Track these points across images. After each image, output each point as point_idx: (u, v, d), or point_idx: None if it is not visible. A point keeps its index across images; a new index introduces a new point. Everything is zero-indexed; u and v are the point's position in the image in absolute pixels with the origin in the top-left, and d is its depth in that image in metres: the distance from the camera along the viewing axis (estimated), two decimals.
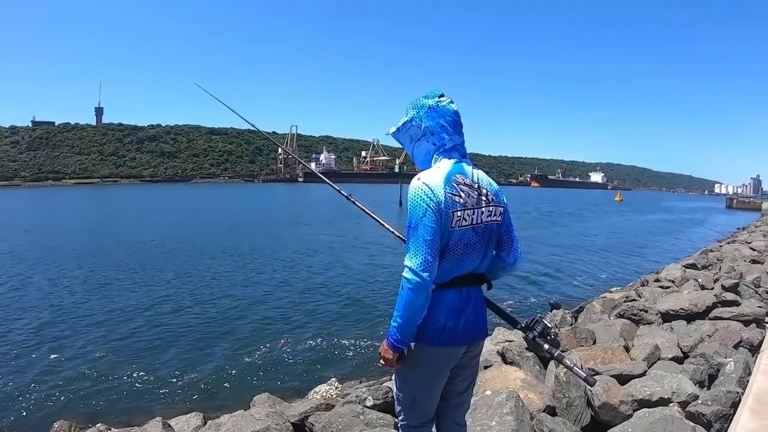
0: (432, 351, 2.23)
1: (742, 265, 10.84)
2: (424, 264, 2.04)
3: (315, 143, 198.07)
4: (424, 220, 2.06)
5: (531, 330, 2.34)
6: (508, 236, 2.42)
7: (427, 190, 2.09)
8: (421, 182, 2.12)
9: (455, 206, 2.13)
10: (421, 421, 2.41)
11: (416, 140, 2.30)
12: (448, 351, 2.26)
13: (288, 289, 12.91)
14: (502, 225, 2.36)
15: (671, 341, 5.81)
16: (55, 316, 10.18)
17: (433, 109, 2.26)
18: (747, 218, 45.37)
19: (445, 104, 2.27)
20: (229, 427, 4.14)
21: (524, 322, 2.40)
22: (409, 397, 2.34)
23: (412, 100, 2.32)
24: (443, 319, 2.20)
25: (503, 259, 2.42)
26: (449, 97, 2.30)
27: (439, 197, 2.09)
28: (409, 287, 2.05)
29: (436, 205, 2.08)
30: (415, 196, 2.10)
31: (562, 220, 42.96)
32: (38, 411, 6.33)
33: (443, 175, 2.15)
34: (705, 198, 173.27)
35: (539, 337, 2.32)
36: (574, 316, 8.40)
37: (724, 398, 3.79)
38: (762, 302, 7.19)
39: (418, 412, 2.38)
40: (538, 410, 3.88)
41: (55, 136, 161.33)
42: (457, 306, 2.23)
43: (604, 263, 19.17)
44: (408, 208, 2.12)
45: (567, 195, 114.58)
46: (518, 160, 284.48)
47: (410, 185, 2.14)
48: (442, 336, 2.20)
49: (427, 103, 2.27)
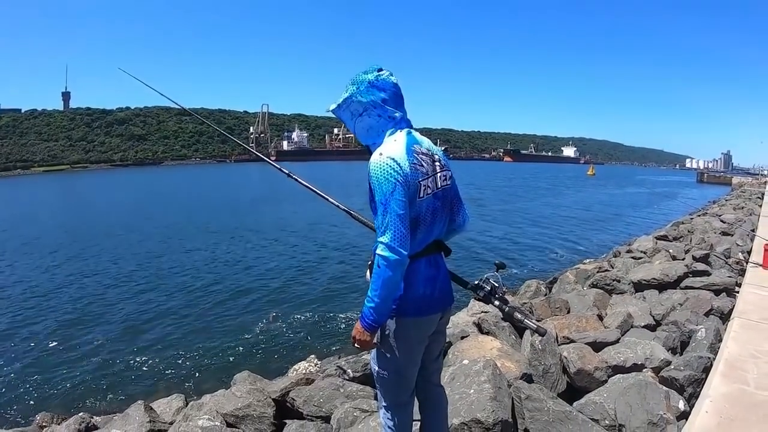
0: (414, 322, 2.24)
1: (712, 237, 11.03)
2: (400, 239, 2.03)
3: (287, 121, 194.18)
4: (395, 194, 2.04)
5: (481, 289, 2.47)
6: (457, 199, 2.47)
7: (393, 164, 2.07)
8: (385, 157, 2.09)
9: (419, 176, 2.14)
10: (407, 394, 2.43)
11: (357, 116, 2.24)
12: (428, 319, 2.29)
13: (260, 272, 12.85)
14: (452, 189, 2.40)
15: (644, 310, 5.92)
16: (29, 308, 10.04)
17: (373, 84, 2.21)
18: (717, 192, 46.16)
19: (385, 77, 2.23)
20: (211, 406, 4.11)
21: (474, 281, 2.50)
22: (394, 373, 2.33)
23: (352, 76, 2.26)
24: (421, 289, 2.23)
25: (454, 221, 2.47)
26: (389, 69, 2.26)
27: (405, 170, 2.08)
28: (386, 264, 2.02)
29: (404, 179, 2.07)
30: (381, 171, 2.06)
31: (535, 194, 43.39)
32: (19, 405, 6.30)
33: (403, 147, 2.14)
34: (676, 172, 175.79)
35: (489, 294, 2.45)
36: (548, 287, 8.50)
37: (696, 363, 3.87)
38: (732, 272, 7.33)
39: (403, 386, 2.40)
40: (515, 378, 3.90)
41: (22, 123, 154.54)
42: (430, 274, 2.27)
43: (577, 236, 19.45)
44: (374, 184, 2.09)
45: (540, 169, 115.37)
46: (491, 135, 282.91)
47: (372, 161, 2.11)
48: (422, 305, 2.24)
49: (367, 78, 2.22)
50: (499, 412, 3.22)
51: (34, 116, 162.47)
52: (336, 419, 3.68)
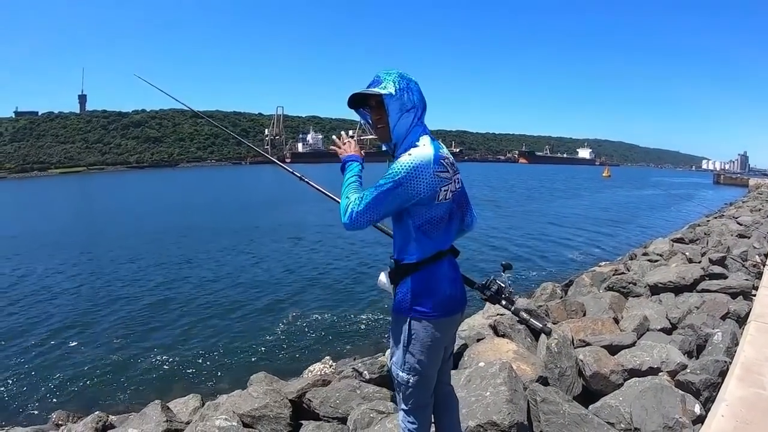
0: (442, 323, 2.28)
1: (729, 240, 10.93)
2: (361, 217, 2.11)
3: (302, 123, 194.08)
4: (397, 190, 2.08)
5: (488, 289, 2.50)
6: (466, 200, 2.52)
7: (416, 167, 2.09)
8: (412, 157, 2.10)
9: (442, 182, 2.17)
10: (428, 395, 2.45)
11: (405, 111, 2.20)
12: (452, 319, 2.35)
13: (276, 273, 12.94)
14: (462, 191, 2.44)
15: (660, 313, 5.89)
16: (49, 306, 10.19)
17: (416, 86, 2.25)
18: (734, 194, 45.67)
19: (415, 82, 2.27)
20: (227, 406, 4.13)
21: (481, 282, 2.53)
22: (420, 377, 2.34)
23: (392, 69, 2.25)
24: (448, 290, 2.28)
25: (463, 221, 2.53)
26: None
27: (426, 178, 2.10)
28: (344, 221, 2.12)
29: (416, 186, 2.10)
30: (401, 166, 2.09)
31: (550, 195, 43.15)
32: (36, 402, 6.38)
33: (432, 154, 2.14)
34: (692, 174, 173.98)
35: (496, 294, 2.48)
36: (564, 290, 8.47)
37: (712, 367, 3.85)
38: (748, 275, 7.27)
39: (427, 388, 2.42)
40: (531, 380, 3.91)
41: (39, 125, 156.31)
42: (451, 275, 2.33)
43: (592, 238, 19.31)
44: (391, 170, 2.10)
45: (555, 171, 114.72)
46: (506, 136, 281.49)
47: (400, 159, 2.12)
48: (449, 306, 2.29)
49: (414, 79, 2.25)
50: (515, 414, 3.23)
51: (51, 119, 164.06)
52: (353, 420, 3.71)
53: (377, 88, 2.19)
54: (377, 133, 2.33)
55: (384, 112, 2.22)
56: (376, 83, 2.21)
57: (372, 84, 2.23)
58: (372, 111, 2.31)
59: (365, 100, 2.33)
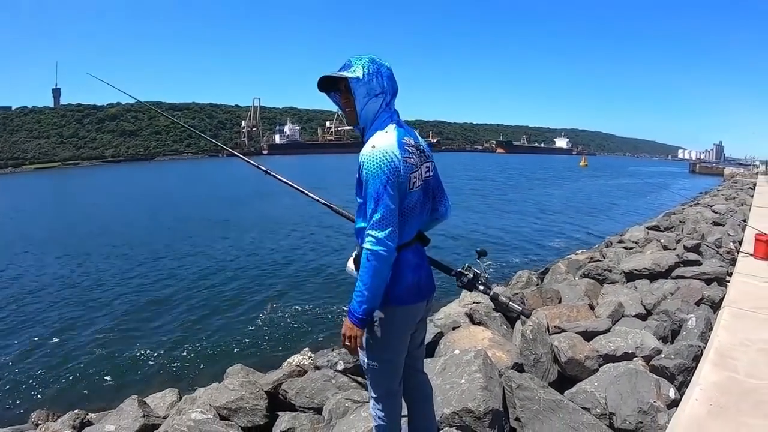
0: (404, 310, 2.27)
1: (704, 227, 11.06)
2: (392, 234, 2.05)
3: (279, 115, 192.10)
4: (388, 188, 2.05)
5: (464, 276, 2.57)
6: (439, 188, 2.51)
7: (386, 158, 2.07)
8: (378, 150, 2.08)
9: (411, 168, 2.15)
10: (396, 383, 2.44)
11: (373, 96, 2.18)
12: (416, 307, 2.32)
13: (253, 266, 12.84)
14: (434, 179, 2.42)
15: (635, 299, 5.92)
16: (23, 304, 10.02)
17: (391, 74, 2.23)
18: (709, 183, 46.23)
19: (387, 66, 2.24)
20: (204, 399, 4.11)
21: (456, 269, 2.58)
22: (384, 363, 2.34)
23: (362, 55, 2.20)
24: (411, 277, 2.25)
25: (437, 211, 2.51)
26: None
27: (398, 164, 2.09)
28: (376, 258, 2.04)
29: (396, 172, 2.08)
30: (374, 164, 2.06)
31: (528, 184, 43.44)
32: (14, 403, 6.29)
33: (395, 140, 2.13)
34: (669, 163, 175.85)
35: (473, 281, 2.53)
36: (540, 277, 8.49)
37: (686, 352, 3.89)
38: (723, 262, 7.36)
39: (393, 375, 2.41)
40: (506, 367, 3.91)
41: (12, 120, 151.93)
42: (416, 263, 2.31)
43: (569, 226, 19.53)
44: (366, 177, 2.08)
45: (532, 160, 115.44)
46: (483, 126, 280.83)
47: (364, 153, 2.10)
48: (412, 293, 2.26)
49: (386, 64, 2.22)
50: (490, 401, 3.22)
51: (25, 113, 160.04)
52: (328, 410, 3.69)
53: (346, 72, 2.17)
54: (345, 115, 2.30)
55: (351, 96, 2.20)
56: (347, 67, 2.18)
57: (342, 68, 2.20)
58: (341, 95, 2.28)
59: (336, 83, 2.30)
